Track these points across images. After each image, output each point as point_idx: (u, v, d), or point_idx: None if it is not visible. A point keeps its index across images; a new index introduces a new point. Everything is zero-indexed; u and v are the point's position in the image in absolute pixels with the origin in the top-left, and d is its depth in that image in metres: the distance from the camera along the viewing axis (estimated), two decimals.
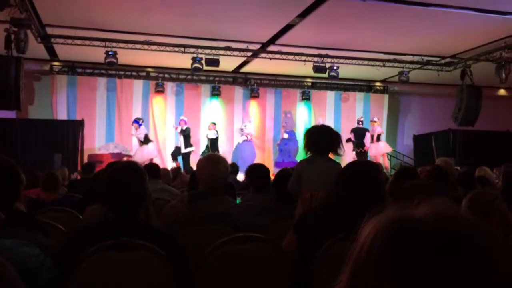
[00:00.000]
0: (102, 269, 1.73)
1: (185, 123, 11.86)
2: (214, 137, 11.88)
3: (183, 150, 11.63)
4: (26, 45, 8.12)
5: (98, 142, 11.93)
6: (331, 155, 3.34)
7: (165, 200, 3.90)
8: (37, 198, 3.85)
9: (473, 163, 7.17)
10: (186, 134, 11.64)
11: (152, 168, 4.53)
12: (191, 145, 11.72)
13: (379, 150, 12.81)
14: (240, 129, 12.63)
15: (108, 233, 1.78)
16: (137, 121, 11.48)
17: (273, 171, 9.39)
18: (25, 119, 10.96)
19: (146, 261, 1.75)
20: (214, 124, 12.04)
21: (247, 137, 12.43)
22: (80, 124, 11.27)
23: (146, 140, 11.38)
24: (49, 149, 9.99)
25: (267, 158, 12.85)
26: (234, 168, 6.87)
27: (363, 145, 12.43)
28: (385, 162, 12.66)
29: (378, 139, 12.88)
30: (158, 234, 1.88)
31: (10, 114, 9.95)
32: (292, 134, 12.93)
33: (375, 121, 13.06)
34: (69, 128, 11.03)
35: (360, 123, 12.92)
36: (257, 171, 3.54)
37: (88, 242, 1.74)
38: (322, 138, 3.25)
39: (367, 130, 12.75)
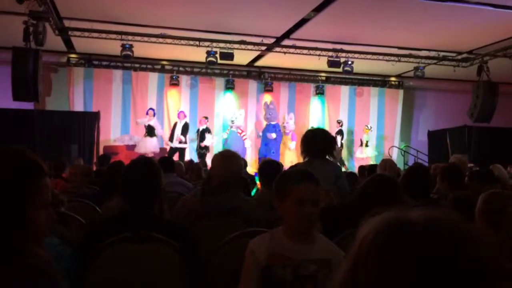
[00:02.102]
0: (119, 260, 1.80)
1: (184, 116, 11.92)
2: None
3: (178, 145, 11.64)
4: (44, 37, 8.25)
5: (113, 133, 12.09)
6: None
7: (179, 193, 3.97)
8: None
9: (488, 160, 7.11)
10: (184, 130, 11.71)
11: (166, 161, 4.61)
12: (186, 141, 11.77)
13: (364, 155, 12.93)
14: (231, 121, 12.34)
15: (125, 226, 1.85)
16: (152, 109, 11.70)
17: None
18: (43, 110, 11.15)
19: (161, 253, 1.82)
20: (206, 118, 12.00)
21: (236, 129, 12.18)
22: (96, 116, 11.43)
23: (150, 133, 11.51)
24: (65, 140, 10.16)
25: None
26: (244, 163, 6.92)
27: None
28: None
29: (367, 145, 12.90)
30: (173, 227, 1.95)
31: (28, 106, 10.13)
32: (278, 128, 12.55)
33: (369, 129, 13.09)
34: (86, 119, 11.19)
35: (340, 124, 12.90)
36: (269, 167, 3.61)
37: (105, 234, 1.82)
38: (317, 142, 3.36)
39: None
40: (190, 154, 11.90)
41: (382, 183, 2.42)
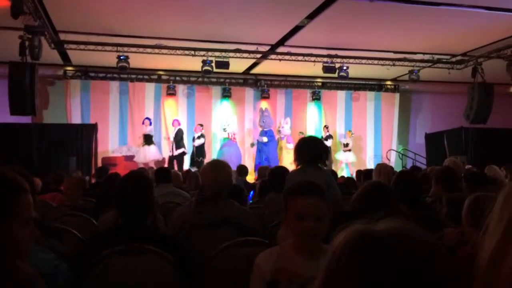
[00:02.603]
0: (114, 272, 1.82)
1: (178, 123, 11.95)
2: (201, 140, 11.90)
3: (174, 153, 11.68)
4: (40, 51, 8.30)
5: (111, 145, 12.13)
6: None
7: (175, 204, 3.99)
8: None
9: (486, 161, 7.14)
10: (177, 136, 11.74)
11: (162, 172, 4.63)
12: (183, 146, 11.78)
13: (347, 158, 12.99)
14: (223, 129, 12.35)
15: (118, 238, 1.88)
16: (149, 119, 11.75)
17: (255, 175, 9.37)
18: (40, 124, 11.17)
19: (155, 265, 1.84)
20: (201, 125, 12.03)
21: (230, 137, 12.17)
22: (93, 128, 11.46)
23: (148, 141, 11.54)
24: (64, 152, 10.18)
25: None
26: (244, 170, 6.95)
27: None
28: (350, 170, 12.66)
29: (348, 148, 13.02)
30: (165, 239, 1.98)
31: (25, 119, 10.16)
32: (271, 133, 12.52)
33: (352, 133, 13.20)
34: (83, 131, 11.21)
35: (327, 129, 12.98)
36: (279, 172, 3.72)
37: (100, 247, 1.84)
38: (311, 151, 3.41)
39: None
40: (188, 162, 11.93)
41: (376, 191, 2.46)
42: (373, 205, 2.38)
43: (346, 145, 12.99)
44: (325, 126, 13.14)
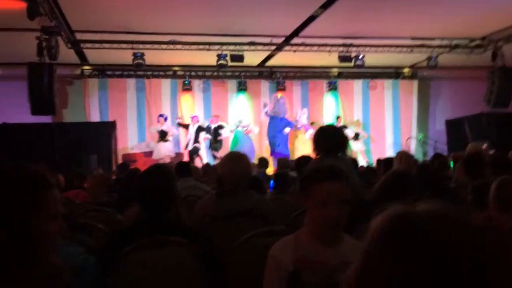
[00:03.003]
0: (139, 266, 1.84)
1: (197, 120, 12.08)
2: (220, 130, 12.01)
3: (190, 147, 11.78)
4: (57, 51, 8.42)
5: (130, 141, 12.25)
6: None
7: (196, 197, 4.01)
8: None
9: (508, 145, 6.99)
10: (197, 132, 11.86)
11: (182, 166, 4.66)
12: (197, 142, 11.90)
13: (359, 148, 12.86)
14: (239, 121, 12.36)
15: (143, 232, 1.89)
16: (162, 115, 11.88)
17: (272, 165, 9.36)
18: (60, 123, 11.34)
19: (179, 257, 1.86)
20: (217, 116, 12.13)
21: (242, 128, 12.18)
22: (112, 125, 11.59)
23: (163, 137, 11.63)
24: (84, 151, 10.32)
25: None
26: (264, 162, 6.94)
27: None
28: (365, 158, 12.52)
29: (357, 138, 12.79)
30: (189, 231, 1.99)
31: (45, 119, 10.33)
32: (284, 121, 12.43)
33: (360, 122, 13.12)
34: (102, 129, 11.35)
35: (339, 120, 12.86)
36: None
37: (125, 241, 1.86)
38: (329, 140, 3.33)
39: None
40: (207, 155, 12.00)
41: (397, 179, 2.44)
42: (396, 194, 2.36)
43: (356, 135, 12.85)
44: (337, 116, 13.01)
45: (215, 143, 11.93)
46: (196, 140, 11.86)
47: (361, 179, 3.76)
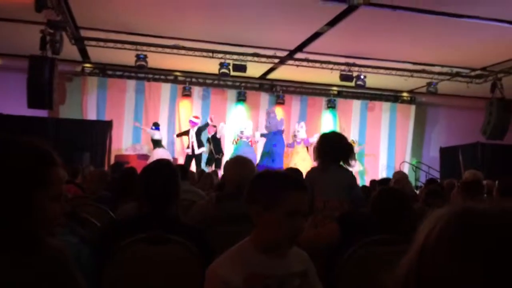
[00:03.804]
0: (136, 260, 1.80)
1: (195, 123, 11.85)
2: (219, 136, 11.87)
3: (197, 151, 11.66)
4: (61, 46, 8.39)
5: (125, 143, 12.17)
6: None
7: (190, 201, 3.96)
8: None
9: (501, 177, 7.01)
10: (198, 135, 11.75)
11: (181, 169, 4.61)
12: (203, 145, 11.77)
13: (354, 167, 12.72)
14: (240, 132, 12.08)
15: (142, 227, 1.85)
16: (156, 127, 11.72)
17: None
18: (56, 118, 11.26)
19: (178, 254, 1.81)
20: (214, 126, 11.90)
21: (246, 139, 11.93)
22: (108, 125, 11.51)
23: (156, 144, 11.56)
24: (78, 148, 10.23)
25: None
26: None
27: None
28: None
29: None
30: (189, 229, 1.95)
31: (42, 113, 10.25)
32: (279, 135, 12.04)
33: (355, 142, 12.69)
34: (98, 128, 11.26)
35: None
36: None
37: (124, 234, 1.82)
38: (334, 147, 3.17)
39: None
40: (204, 161, 11.94)
41: (392, 197, 2.37)
42: (391, 209, 2.30)
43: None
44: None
45: (214, 159, 11.73)
46: (200, 143, 11.72)
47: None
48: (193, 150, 11.66)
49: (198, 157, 11.66)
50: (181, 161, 11.66)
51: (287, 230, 1.53)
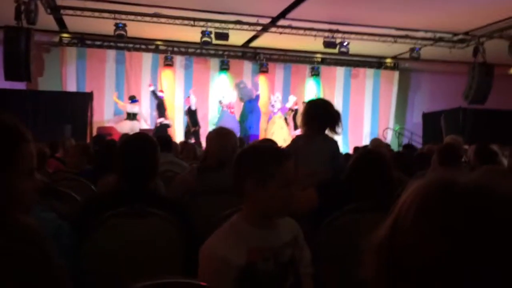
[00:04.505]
0: (115, 234, 1.79)
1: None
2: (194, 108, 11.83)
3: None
4: (36, 16, 8.12)
5: (107, 114, 12.01)
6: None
7: (174, 173, 3.95)
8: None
9: (482, 141, 7.11)
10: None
11: (164, 140, 4.57)
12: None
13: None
14: (219, 101, 12.16)
15: (122, 201, 1.83)
16: (134, 99, 11.61)
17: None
18: (35, 91, 11.03)
19: (158, 228, 1.81)
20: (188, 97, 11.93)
21: (227, 109, 11.95)
22: (89, 96, 11.32)
23: (128, 117, 11.43)
24: (58, 120, 10.06)
25: None
26: (241, 143, 6.89)
27: None
28: None
29: None
30: (170, 203, 1.94)
31: (20, 86, 10.02)
32: (254, 103, 12.10)
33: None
34: (78, 100, 11.07)
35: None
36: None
37: (102, 209, 1.80)
38: (320, 115, 3.06)
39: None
40: (183, 133, 11.90)
41: (370, 159, 2.37)
42: (369, 174, 2.30)
43: None
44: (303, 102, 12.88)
45: (191, 132, 11.71)
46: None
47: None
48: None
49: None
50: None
51: (281, 201, 1.54)
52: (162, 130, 11.22)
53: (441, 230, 0.62)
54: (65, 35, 11.64)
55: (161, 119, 11.62)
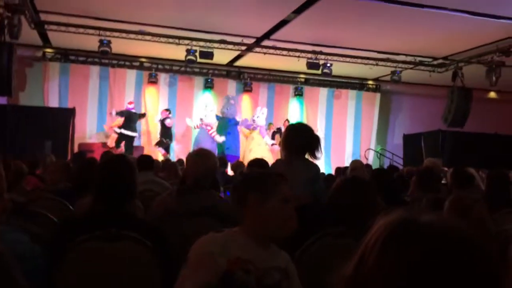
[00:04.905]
0: (90, 258, 1.77)
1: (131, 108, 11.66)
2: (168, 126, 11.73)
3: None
4: (20, 30, 8.07)
5: (89, 131, 11.90)
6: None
7: (154, 192, 3.93)
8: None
9: (461, 164, 7.24)
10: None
11: (145, 159, 4.55)
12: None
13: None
14: (200, 119, 12.03)
15: (97, 224, 1.82)
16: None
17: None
18: (16, 105, 10.88)
19: (133, 252, 1.80)
20: (167, 110, 11.82)
21: (205, 127, 11.85)
22: (71, 112, 11.19)
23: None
24: (39, 136, 9.92)
25: None
26: (222, 161, 6.90)
27: None
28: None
29: None
30: (145, 226, 1.93)
31: (0, 100, 9.88)
32: (233, 122, 12.14)
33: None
34: (60, 115, 10.92)
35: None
36: (260, 165, 3.65)
37: (77, 232, 1.78)
38: (300, 140, 3.09)
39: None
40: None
41: (353, 186, 2.39)
42: (352, 198, 2.33)
43: None
44: (269, 123, 12.74)
45: (165, 137, 11.61)
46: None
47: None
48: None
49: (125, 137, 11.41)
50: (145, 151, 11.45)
51: (283, 216, 1.63)
52: (126, 141, 11.17)
53: (399, 267, 0.64)
54: (48, 50, 11.58)
55: (122, 130, 11.32)
